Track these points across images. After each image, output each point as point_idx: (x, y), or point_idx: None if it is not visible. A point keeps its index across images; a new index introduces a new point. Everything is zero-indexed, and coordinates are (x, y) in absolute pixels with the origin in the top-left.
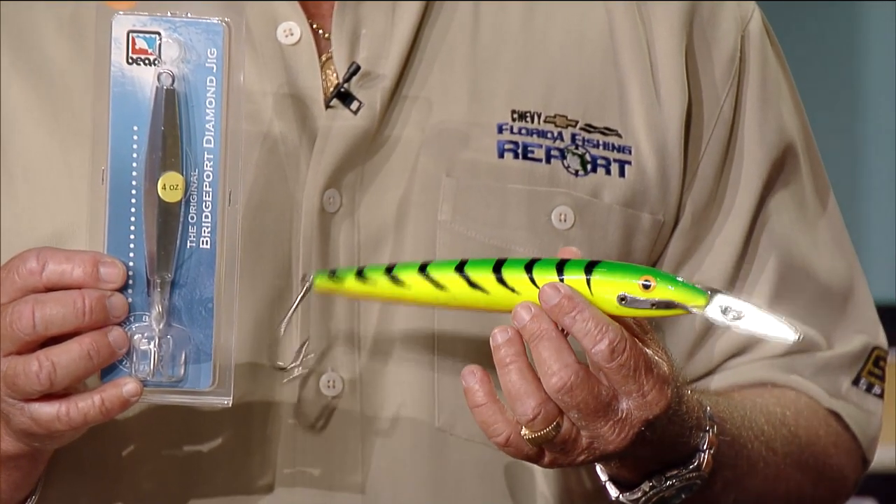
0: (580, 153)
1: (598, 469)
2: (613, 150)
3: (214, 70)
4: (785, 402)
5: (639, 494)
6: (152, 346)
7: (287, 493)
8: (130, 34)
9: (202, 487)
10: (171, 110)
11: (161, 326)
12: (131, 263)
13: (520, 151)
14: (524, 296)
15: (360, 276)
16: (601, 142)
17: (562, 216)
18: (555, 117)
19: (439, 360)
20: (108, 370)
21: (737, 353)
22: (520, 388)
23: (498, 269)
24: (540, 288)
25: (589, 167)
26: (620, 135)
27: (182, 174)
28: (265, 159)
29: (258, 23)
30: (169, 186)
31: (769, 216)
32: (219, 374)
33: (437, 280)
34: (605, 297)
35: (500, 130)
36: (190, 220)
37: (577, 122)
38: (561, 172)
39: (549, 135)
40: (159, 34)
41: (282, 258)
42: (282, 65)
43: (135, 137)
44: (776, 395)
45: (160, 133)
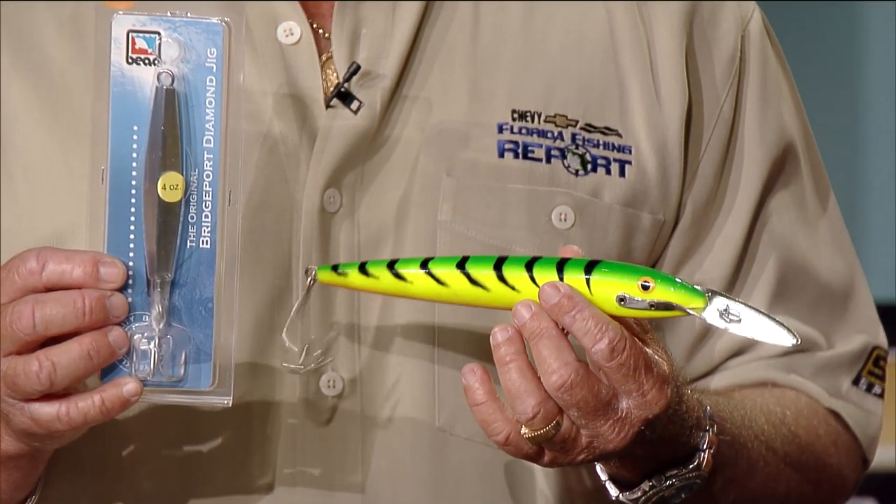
0: (580, 153)
1: (598, 468)
2: (613, 150)
3: (214, 70)
4: (785, 402)
5: (638, 494)
6: (152, 346)
7: (287, 493)
8: (130, 34)
9: (202, 487)
10: (171, 110)
11: (161, 326)
12: (131, 263)
13: (520, 151)
14: (524, 294)
15: (363, 272)
16: (601, 141)
17: (562, 216)
18: (555, 117)
19: (440, 361)
20: (108, 370)
21: (737, 353)
22: (520, 387)
23: (499, 267)
24: (540, 287)
25: (589, 167)
26: (621, 134)
27: (182, 174)
28: (265, 159)
29: (258, 22)
30: (169, 186)
31: (769, 216)
32: (219, 374)
33: (439, 277)
34: (605, 297)
35: (501, 130)
36: (190, 220)
37: (578, 122)
38: (561, 172)
39: (550, 134)
40: (159, 34)
41: (282, 258)
42: (282, 64)
43: (134, 137)
44: (776, 395)
45: (160, 133)
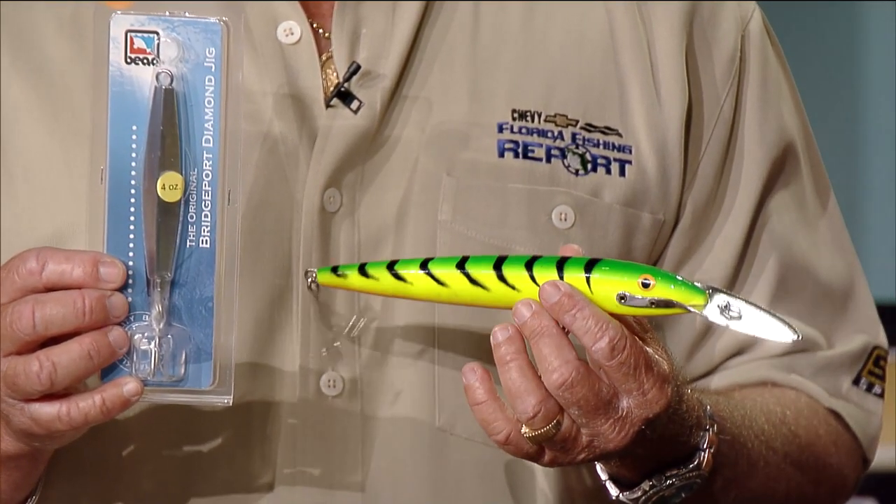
0: (580, 152)
1: (598, 468)
2: (614, 150)
3: (213, 69)
4: (785, 402)
5: (639, 493)
6: (152, 346)
7: (287, 492)
8: (128, 34)
9: (202, 487)
10: (170, 110)
11: (161, 326)
12: (131, 263)
13: (520, 151)
14: (525, 293)
15: (363, 273)
16: (601, 141)
17: (562, 215)
18: (555, 117)
19: (440, 361)
20: (109, 370)
21: (737, 353)
22: (520, 386)
23: (499, 267)
24: (540, 286)
25: (589, 166)
26: (621, 134)
27: (181, 174)
28: (265, 159)
29: (258, 22)
30: (168, 186)
31: (769, 216)
32: (219, 373)
33: (439, 277)
34: (605, 296)
35: (501, 130)
36: (189, 220)
37: (578, 122)
38: (561, 172)
39: (550, 134)
40: (157, 34)
41: (282, 258)
42: (282, 64)
43: (133, 137)
44: (776, 395)
45: (159, 133)
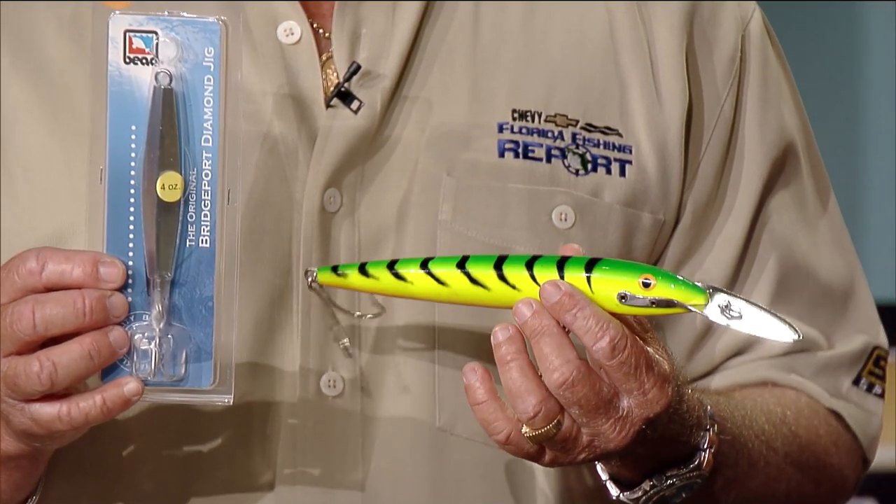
0: (581, 152)
1: (599, 468)
2: (614, 150)
3: (212, 69)
4: (785, 402)
5: (639, 493)
6: (153, 346)
7: (287, 492)
8: (127, 34)
9: (203, 487)
10: (169, 110)
11: (161, 325)
12: (131, 263)
13: (520, 151)
14: (525, 293)
15: (363, 272)
16: (602, 141)
17: (562, 215)
18: (555, 117)
19: (440, 361)
20: (109, 370)
21: (737, 353)
22: (521, 386)
23: (499, 266)
24: (541, 285)
25: (589, 166)
26: (621, 134)
27: (181, 174)
28: (265, 159)
29: (258, 22)
30: (168, 186)
31: (770, 216)
32: (220, 373)
33: (439, 276)
34: (606, 295)
35: (501, 130)
36: (189, 219)
37: (578, 122)
38: (561, 172)
39: (550, 134)
40: (156, 33)
41: (282, 257)
42: (282, 64)
43: (133, 137)
44: (777, 395)
45: (158, 132)
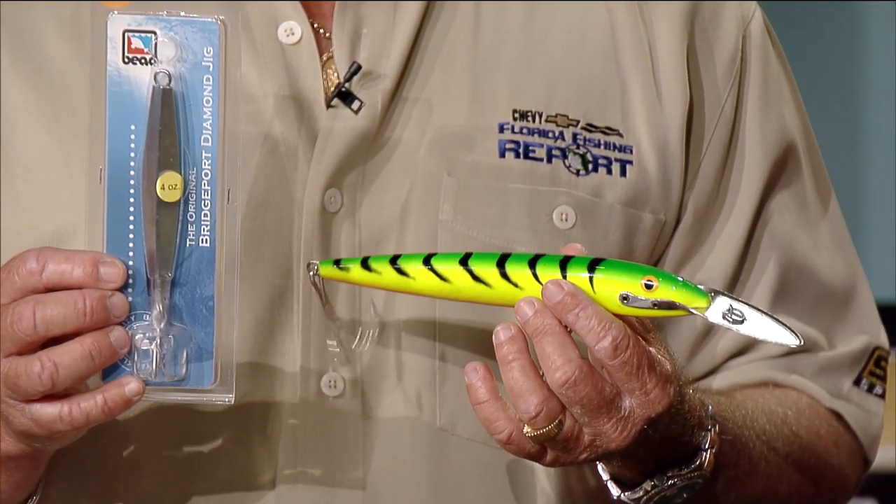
0: (581, 153)
1: (600, 468)
2: (615, 150)
3: (211, 69)
4: (786, 402)
5: (640, 493)
6: (154, 346)
7: (288, 492)
8: (126, 34)
9: (203, 487)
10: (169, 110)
11: (162, 325)
12: (131, 263)
13: (521, 151)
14: (527, 291)
15: (366, 267)
16: (602, 141)
17: (563, 216)
18: (556, 117)
19: (441, 361)
20: (110, 370)
21: (738, 353)
22: (522, 386)
23: (502, 264)
24: (543, 284)
25: (590, 167)
26: (622, 134)
27: (180, 173)
28: (266, 159)
29: (259, 22)
30: (168, 186)
31: (770, 216)
32: (220, 372)
33: (442, 273)
34: (608, 296)
35: (502, 130)
36: (189, 219)
37: (579, 122)
38: (562, 172)
39: (551, 134)
40: (155, 33)
41: (282, 258)
42: (283, 64)
43: (132, 137)
44: (778, 395)
45: (157, 133)
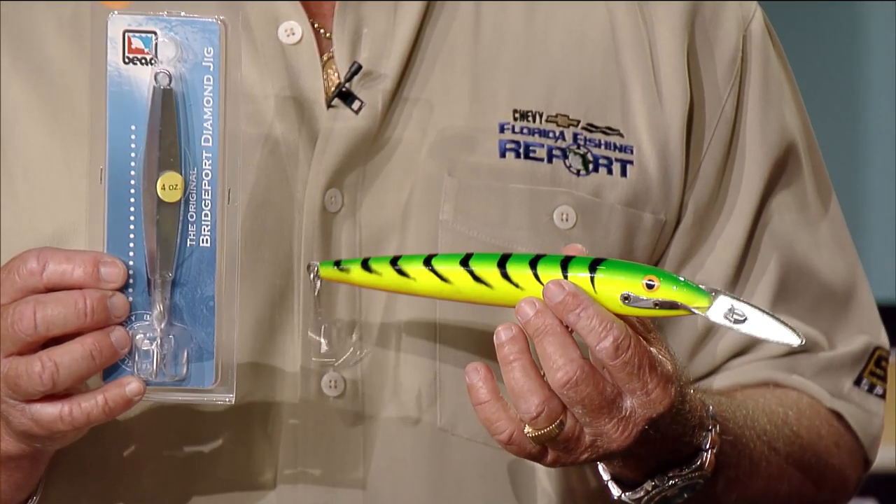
0: (582, 153)
1: (601, 468)
2: (615, 150)
3: (211, 69)
4: (787, 403)
5: (641, 493)
6: (154, 346)
7: (288, 492)
8: (126, 34)
9: (203, 487)
10: (169, 110)
11: (163, 325)
12: (131, 263)
13: (521, 151)
14: (528, 291)
15: (366, 268)
16: (603, 141)
17: (564, 216)
18: (556, 117)
19: (442, 361)
20: (111, 370)
21: (739, 353)
22: (523, 386)
23: (503, 265)
24: (544, 284)
25: (591, 167)
26: (622, 134)
27: (181, 174)
28: (266, 159)
29: (259, 22)
30: (168, 186)
31: (771, 216)
32: (221, 372)
33: (442, 273)
34: (609, 296)
35: (502, 130)
36: (189, 219)
37: (579, 122)
38: (563, 172)
39: (551, 134)
40: (155, 33)
41: (283, 258)
42: (283, 64)
43: (132, 137)
44: (778, 395)
45: (158, 133)
